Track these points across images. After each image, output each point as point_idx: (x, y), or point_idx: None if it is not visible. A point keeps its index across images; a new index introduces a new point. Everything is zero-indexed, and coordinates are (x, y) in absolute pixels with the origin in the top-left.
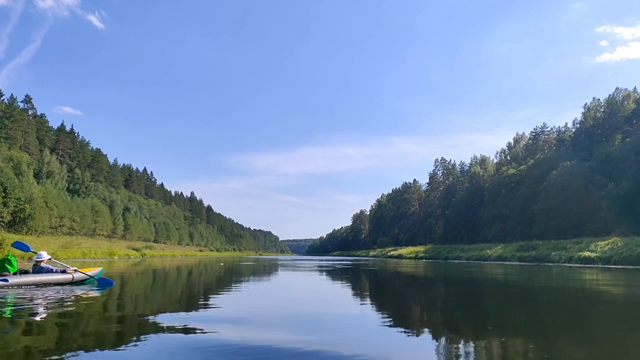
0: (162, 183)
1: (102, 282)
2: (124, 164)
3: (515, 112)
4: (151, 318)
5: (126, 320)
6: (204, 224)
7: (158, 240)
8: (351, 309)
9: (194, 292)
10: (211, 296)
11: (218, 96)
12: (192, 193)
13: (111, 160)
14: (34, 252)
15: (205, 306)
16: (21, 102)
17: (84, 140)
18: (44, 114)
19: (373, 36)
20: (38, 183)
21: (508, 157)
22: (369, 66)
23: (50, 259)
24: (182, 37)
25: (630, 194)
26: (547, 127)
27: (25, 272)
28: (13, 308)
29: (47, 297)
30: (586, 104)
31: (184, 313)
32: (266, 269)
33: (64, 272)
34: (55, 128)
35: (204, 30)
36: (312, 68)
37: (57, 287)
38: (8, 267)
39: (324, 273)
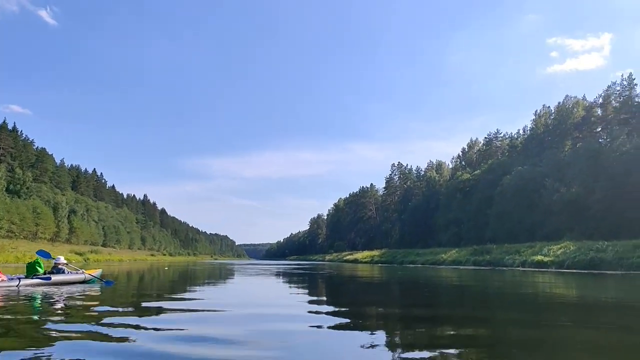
0: (113, 185)
1: (106, 282)
2: (71, 165)
3: (471, 120)
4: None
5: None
6: (157, 228)
7: (107, 244)
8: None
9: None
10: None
11: (175, 99)
12: (145, 196)
13: (58, 161)
14: (53, 258)
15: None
16: None
17: (28, 139)
18: None
19: (334, 42)
20: None
21: (463, 163)
22: (329, 72)
23: (66, 263)
24: (138, 37)
25: (581, 199)
26: (500, 134)
27: (51, 272)
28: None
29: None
30: (536, 111)
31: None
32: (219, 274)
33: (76, 273)
34: None
35: (162, 31)
36: (272, 72)
37: (80, 284)
38: (38, 268)
39: (264, 276)
